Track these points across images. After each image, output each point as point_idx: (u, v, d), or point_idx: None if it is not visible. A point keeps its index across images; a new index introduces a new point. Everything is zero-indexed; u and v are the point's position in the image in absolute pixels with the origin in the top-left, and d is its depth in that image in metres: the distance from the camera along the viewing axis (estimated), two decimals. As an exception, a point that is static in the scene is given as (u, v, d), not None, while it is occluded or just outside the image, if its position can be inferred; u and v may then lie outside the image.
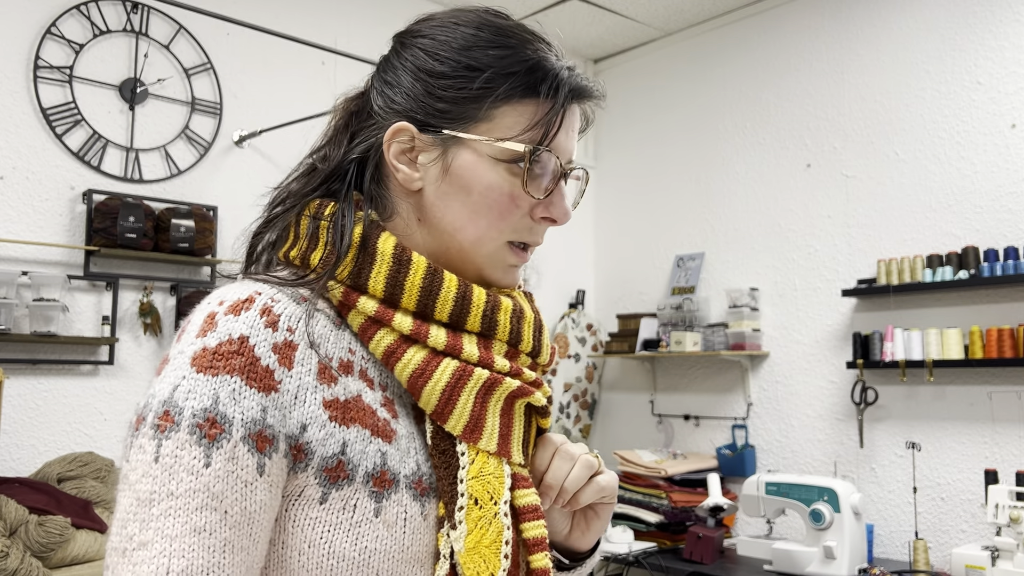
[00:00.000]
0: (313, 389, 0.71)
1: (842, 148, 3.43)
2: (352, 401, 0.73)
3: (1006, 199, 2.97)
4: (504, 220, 0.78)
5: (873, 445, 3.23)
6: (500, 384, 0.76)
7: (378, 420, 0.74)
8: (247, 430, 0.66)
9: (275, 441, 0.68)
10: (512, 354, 0.79)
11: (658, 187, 4.11)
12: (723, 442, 3.70)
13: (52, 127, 2.79)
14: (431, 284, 0.76)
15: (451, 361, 0.75)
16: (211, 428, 0.65)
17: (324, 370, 0.72)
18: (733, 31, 3.87)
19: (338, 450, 0.71)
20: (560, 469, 0.79)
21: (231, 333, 0.69)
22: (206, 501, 0.64)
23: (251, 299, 0.72)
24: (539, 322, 0.83)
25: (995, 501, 2.52)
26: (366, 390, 0.75)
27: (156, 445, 0.65)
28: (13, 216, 2.70)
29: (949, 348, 2.95)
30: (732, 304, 3.62)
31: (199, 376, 0.67)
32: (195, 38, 3.12)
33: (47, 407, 2.71)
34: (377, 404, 0.75)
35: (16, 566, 2.08)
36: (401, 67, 0.81)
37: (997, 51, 3.03)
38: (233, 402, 0.66)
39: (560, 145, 0.79)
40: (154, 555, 0.62)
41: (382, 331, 0.75)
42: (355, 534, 0.70)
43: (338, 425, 0.71)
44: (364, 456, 0.72)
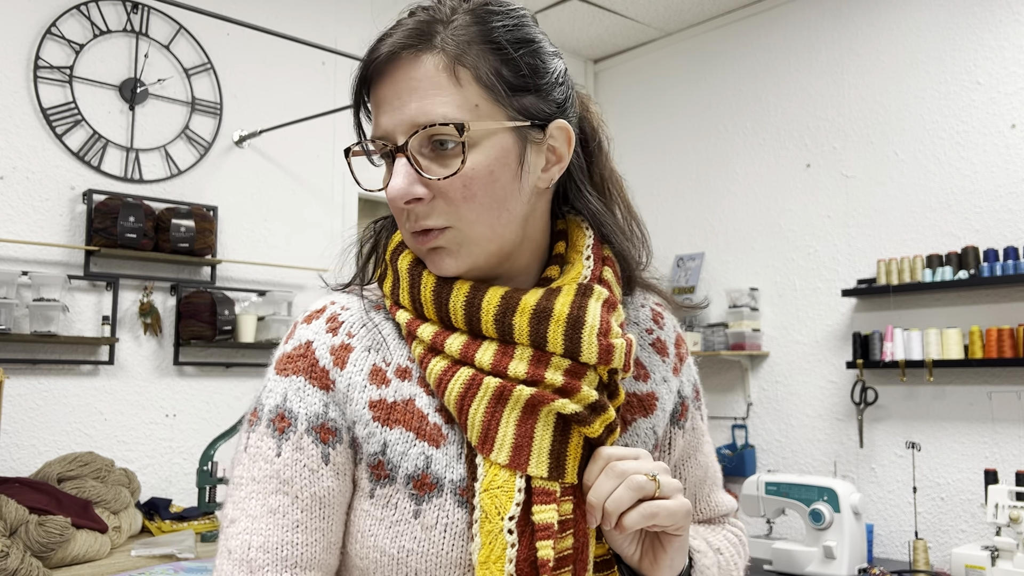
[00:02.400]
0: (361, 388, 0.76)
1: (842, 148, 3.43)
2: (401, 403, 0.76)
3: (1006, 199, 2.97)
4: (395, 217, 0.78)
5: (873, 445, 3.23)
6: (512, 392, 0.72)
7: (427, 424, 0.75)
8: (310, 423, 0.75)
9: (338, 432, 0.75)
10: (540, 358, 0.73)
11: (658, 187, 4.11)
12: (723, 442, 3.70)
13: (52, 127, 2.79)
14: (440, 294, 0.76)
15: (465, 370, 0.74)
16: (281, 422, 0.75)
17: (377, 372, 0.77)
18: (733, 31, 3.87)
19: (379, 449, 0.75)
20: (602, 487, 0.71)
21: (301, 339, 0.79)
22: (279, 486, 0.73)
23: (324, 308, 0.81)
24: (575, 318, 0.73)
25: (995, 501, 2.52)
26: (421, 395, 0.76)
27: (246, 437, 0.76)
28: (13, 216, 2.70)
29: (949, 348, 2.95)
30: (732, 304, 3.62)
31: (277, 378, 0.77)
32: (195, 38, 3.12)
33: (47, 407, 2.71)
34: (431, 409, 0.76)
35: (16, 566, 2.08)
36: None
37: (997, 51, 3.03)
38: (298, 399, 0.75)
39: (382, 126, 0.75)
40: (239, 531, 0.72)
41: (415, 342, 0.77)
42: (394, 532, 0.73)
43: (380, 425, 0.75)
44: (405, 458, 0.74)
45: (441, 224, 0.75)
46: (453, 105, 0.73)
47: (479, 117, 0.73)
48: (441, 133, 0.72)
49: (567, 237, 0.84)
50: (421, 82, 0.73)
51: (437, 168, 0.73)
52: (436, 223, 0.74)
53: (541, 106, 0.77)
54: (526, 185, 0.77)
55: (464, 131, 0.72)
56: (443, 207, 0.74)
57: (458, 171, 0.73)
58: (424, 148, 0.74)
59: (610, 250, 0.85)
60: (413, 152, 0.73)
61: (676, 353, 0.92)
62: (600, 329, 0.73)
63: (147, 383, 2.92)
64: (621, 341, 0.75)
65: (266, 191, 3.22)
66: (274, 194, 3.25)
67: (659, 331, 0.91)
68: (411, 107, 0.73)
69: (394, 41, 0.74)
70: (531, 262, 0.82)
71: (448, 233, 0.75)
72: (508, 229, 0.77)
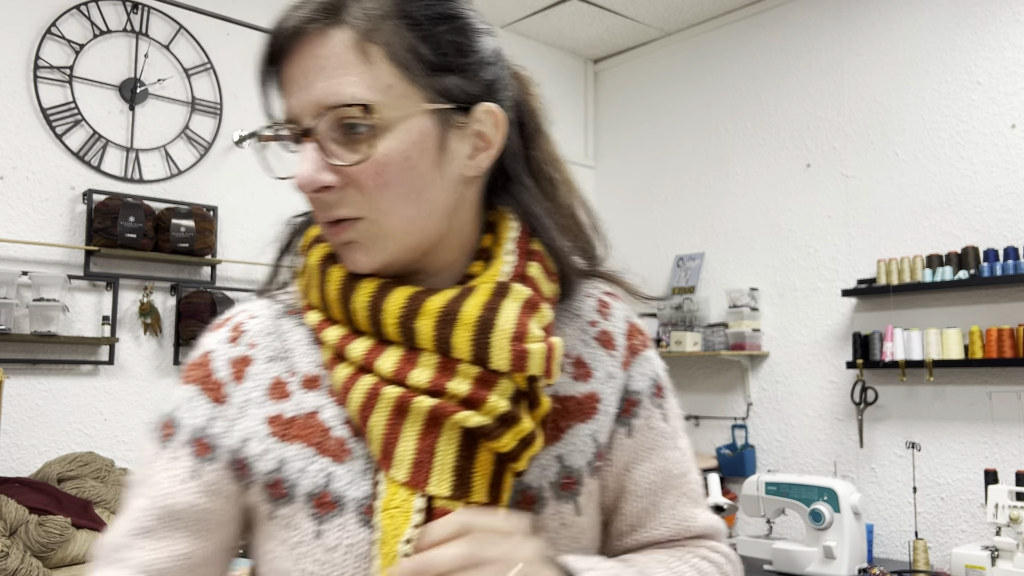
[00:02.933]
0: (259, 404, 0.72)
1: (842, 148, 3.43)
2: (302, 418, 0.71)
3: (1006, 199, 2.97)
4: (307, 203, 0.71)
5: (873, 445, 3.23)
6: (411, 403, 0.65)
7: (329, 439, 0.70)
8: (191, 435, 0.72)
9: (214, 450, 0.72)
10: (446, 365, 0.66)
11: (658, 187, 4.11)
12: (723, 442, 3.71)
13: (52, 127, 2.79)
14: (345, 293, 0.70)
15: (368, 378, 0.67)
16: (166, 429, 0.73)
17: (278, 385, 0.73)
18: (733, 31, 3.87)
19: (275, 467, 0.70)
20: (437, 559, 0.60)
21: (204, 348, 0.76)
22: (144, 490, 0.72)
23: (231, 317, 0.78)
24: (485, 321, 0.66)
25: (995, 501, 2.52)
26: (329, 406, 0.71)
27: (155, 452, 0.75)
28: (13, 216, 2.70)
29: (949, 348, 2.95)
30: (732, 304, 3.62)
31: (179, 385, 0.76)
32: (195, 38, 3.12)
33: (47, 407, 2.71)
34: (338, 422, 0.70)
35: (16, 566, 2.08)
36: None
37: (997, 51, 3.03)
38: (186, 409, 0.73)
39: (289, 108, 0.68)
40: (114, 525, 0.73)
41: (323, 347, 0.72)
42: (296, 554, 0.69)
43: (278, 441, 0.71)
44: (304, 475, 0.69)
45: (353, 214, 0.68)
46: (363, 85, 0.66)
47: (392, 98, 0.66)
48: (349, 116, 0.65)
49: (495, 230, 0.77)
50: (328, 60, 0.66)
51: (347, 153, 0.66)
52: (348, 213, 0.68)
53: (465, 87, 0.69)
54: (449, 173, 0.69)
55: (372, 113, 0.65)
56: (355, 196, 0.67)
57: (368, 157, 0.66)
58: (334, 132, 0.66)
59: (540, 243, 0.77)
60: (321, 136, 0.66)
61: (627, 345, 0.82)
62: (514, 333, 0.66)
63: (147, 383, 2.92)
64: (540, 346, 0.67)
65: (266, 191, 3.22)
66: (274, 194, 3.25)
67: (605, 323, 0.82)
68: (317, 87, 0.66)
69: (300, 16, 0.67)
70: (458, 257, 0.74)
71: (360, 225, 0.68)
72: (428, 221, 0.70)
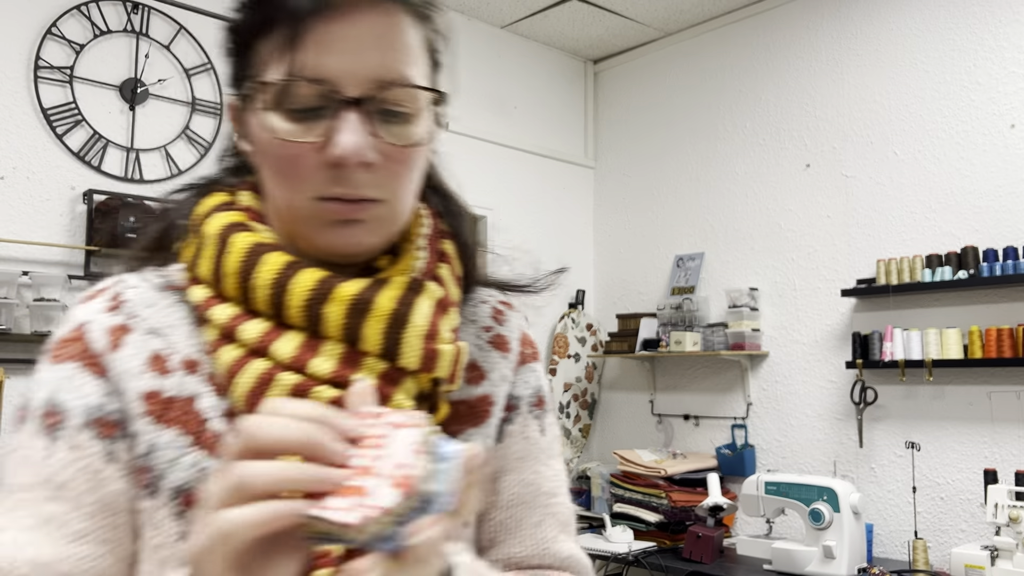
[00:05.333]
0: (136, 375, 0.65)
1: (841, 148, 3.44)
2: (180, 401, 0.64)
3: (1005, 199, 2.97)
4: (293, 176, 0.63)
5: (872, 445, 3.24)
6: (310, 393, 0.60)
7: (206, 431, 0.63)
8: (87, 417, 0.63)
9: (122, 425, 0.64)
10: (351, 357, 0.62)
11: (658, 187, 4.12)
12: (723, 442, 3.71)
13: (53, 127, 2.79)
14: (247, 267, 0.63)
15: (260, 362, 0.62)
16: (51, 417, 0.63)
17: (157, 359, 0.65)
18: (733, 31, 3.87)
19: (144, 451, 0.63)
20: None
21: (76, 321, 0.67)
22: (53, 492, 0.61)
23: (106, 288, 0.70)
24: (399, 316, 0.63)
25: (994, 501, 2.53)
26: (207, 395, 0.65)
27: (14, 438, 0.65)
28: (14, 216, 2.70)
29: (948, 348, 2.95)
30: (732, 304, 3.63)
31: (47, 366, 0.66)
32: (195, 38, 3.13)
33: (48, 407, 2.71)
34: (215, 413, 0.64)
35: (17, 565, 2.08)
36: None
37: (996, 51, 3.04)
38: (70, 389, 0.64)
39: (325, 67, 0.61)
40: (7, 542, 0.60)
41: (208, 325, 0.65)
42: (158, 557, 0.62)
43: (153, 422, 0.64)
44: (174, 467, 0.63)
45: (378, 196, 0.64)
46: (416, 69, 0.64)
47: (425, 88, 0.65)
48: (400, 97, 0.63)
49: None
50: (389, 34, 0.63)
51: (395, 133, 0.63)
52: (375, 194, 0.63)
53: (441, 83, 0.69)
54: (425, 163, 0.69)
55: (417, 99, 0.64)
56: (382, 177, 0.63)
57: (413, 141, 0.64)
58: (373, 107, 0.62)
59: (450, 245, 0.74)
60: (371, 110, 0.62)
61: (519, 351, 0.80)
62: (426, 331, 0.63)
63: (147, 383, 2.92)
64: (450, 347, 0.65)
65: (266, 191, 3.23)
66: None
67: (499, 328, 0.80)
68: (374, 57, 0.61)
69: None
70: None
71: (379, 207, 0.64)
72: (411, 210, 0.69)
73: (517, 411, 0.78)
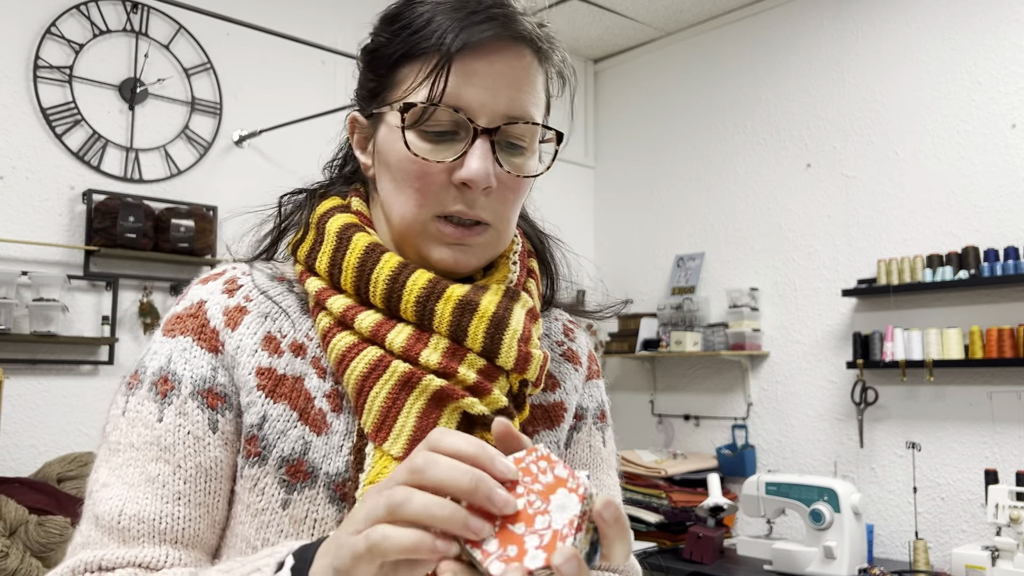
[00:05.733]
0: (251, 352, 0.70)
1: (842, 148, 3.43)
2: (289, 379, 0.70)
3: (1006, 199, 2.97)
4: (420, 191, 0.70)
5: (873, 445, 3.23)
6: (420, 380, 0.67)
7: (312, 407, 0.69)
8: (196, 387, 0.69)
9: (227, 399, 0.70)
10: (455, 351, 0.68)
11: (658, 187, 4.11)
12: (723, 442, 3.70)
13: (52, 127, 2.79)
14: (365, 263, 0.70)
15: (374, 349, 0.68)
16: (163, 384, 0.70)
17: (271, 340, 0.71)
18: (733, 31, 3.87)
19: (256, 422, 0.69)
20: None
21: (194, 299, 0.74)
22: (159, 453, 0.67)
23: (224, 272, 0.76)
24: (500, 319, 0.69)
25: (995, 501, 2.52)
26: (312, 376, 0.71)
27: (124, 401, 0.71)
28: (13, 216, 2.70)
29: (949, 348, 2.94)
30: (732, 304, 3.62)
31: (163, 339, 0.72)
32: (195, 38, 3.12)
33: (47, 407, 2.71)
34: (320, 393, 0.70)
35: (16, 566, 2.08)
36: None
37: (997, 51, 3.03)
38: (183, 361, 0.70)
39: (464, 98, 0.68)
40: (111, 496, 0.67)
41: (323, 313, 0.71)
42: (260, 521, 0.67)
43: (264, 396, 0.69)
44: (283, 438, 0.68)
45: (489, 220, 0.71)
46: (537, 107, 0.73)
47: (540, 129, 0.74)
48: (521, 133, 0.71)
49: None
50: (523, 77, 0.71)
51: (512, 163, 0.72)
52: (487, 218, 0.71)
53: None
54: None
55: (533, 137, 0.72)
56: (495, 203, 0.71)
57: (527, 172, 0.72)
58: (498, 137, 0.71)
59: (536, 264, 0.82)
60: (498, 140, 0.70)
61: (588, 366, 0.88)
62: (522, 335, 0.70)
63: (147, 383, 2.91)
64: (539, 352, 0.72)
65: (266, 190, 3.22)
66: (274, 194, 3.25)
67: (570, 343, 0.88)
68: (506, 93, 0.70)
69: (519, 30, 0.70)
70: None
71: (488, 231, 0.72)
72: None
73: (584, 421, 0.85)
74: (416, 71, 0.69)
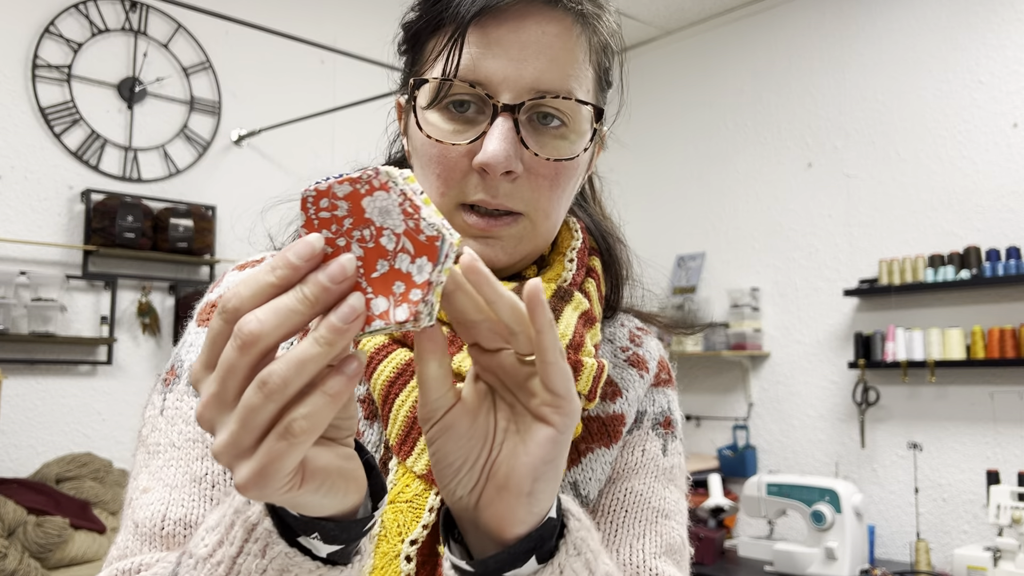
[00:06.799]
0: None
1: (843, 147, 3.42)
2: None
3: (1008, 198, 2.96)
4: (441, 177, 0.62)
5: (874, 445, 3.22)
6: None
7: None
8: None
9: None
10: None
11: (659, 186, 4.10)
12: (724, 442, 3.69)
13: (50, 126, 2.78)
14: None
15: (403, 352, 0.62)
16: None
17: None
18: (734, 30, 3.86)
19: None
20: None
21: (228, 284, 0.69)
22: (204, 451, 0.62)
23: (262, 258, 0.71)
24: None
25: (997, 502, 2.51)
26: None
27: (162, 399, 0.65)
28: (11, 216, 2.69)
29: (951, 348, 2.94)
30: (733, 304, 3.61)
31: (199, 329, 0.67)
32: (194, 37, 3.11)
33: (45, 407, 2.70)
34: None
35: (15, 567, 2.07)
36: None
37: (999, 50, 3.02)
38: None
39: (483, 70, 0.60)
40: (153, 500, 0.60)
41: None
42: None
43: None
44: None
45: (519, 208, 0.62)
46: (579, 84, 0.63)
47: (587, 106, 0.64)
48: (555, 108, 0.62)
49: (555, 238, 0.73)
50: (556, 44, 0.61)
51: (543, 145, 0.62)
52: (516, 206, 0.62)
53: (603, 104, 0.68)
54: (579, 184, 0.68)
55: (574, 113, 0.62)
56: (524, 190, 0.62)
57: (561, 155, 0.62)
58: (525, 116, 0.61)
59: (598, 263, 0.75)
60: (521, 119, 0.61)
61: (656, 373, 0.80)
62: (571, 341, 0.62)
63: (145, 383, 2.91)
64: (592, 361, 0.63)
65: (265, 190, 3.21)
66: (273, 193, 3.24)
67: (636, 348, 0.80)
68: (535, 66, 0.61)
69: None
70: None
71: (519, 222, 0.63)
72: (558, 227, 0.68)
73: (640, 424, 0.76)
74: (436, 44, 0.62)
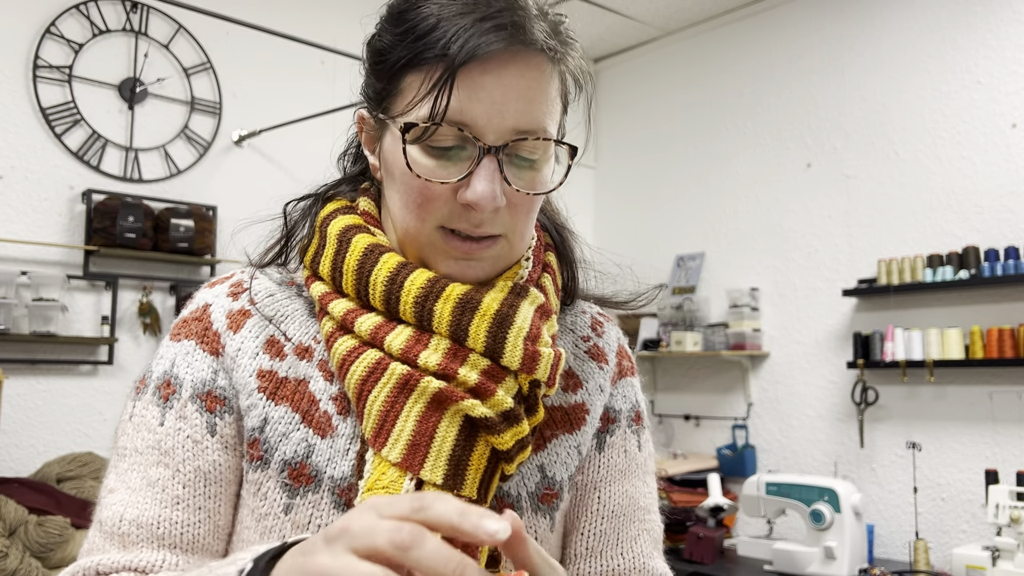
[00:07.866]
0: (252, 355, 0.70)
1: (843, 148, 3.43)
2: (293, 381, 0.69)
3: (1007, 199, 2.97)
4: (423, 207, 0.66)
5: (874, 445, 3.23)
6: (419, 382, 0.64)
7: (317, 410, 0.68)
8: (195, 390, 0.69)
9: (227, 402, 0.69)
10: (457, 352, 0.65)
11: (658, 187, 4.11)
12: (723, 442, 3.70)
13: (51, 127, 2.78)
14: (364, 265, 0.68)
15: (372, 352, 0.66)
16: (166, 388, 0.70)
17: (273, 343, 0.71)
18: (733, 31, 3.87)
19: (257, 425, 0.68)
20: None
21: (200, 302, 0.74)
22: (159, 457, 0.68)
23: (232, 275, 0.77)
24: (503, 317, 0.66)
25: (996, 501, 2.52)
26: (318, 378, 0.70)
27: (132, 406, 0.71)
28: (12, 216, 2.69)
29: (950, 348, 2.94)
30: (732, 304, 3.62)
31: (169, 343, 0.73)
32: (195, 38, 3.12)
33: (46, 407, 2.71)
34: (325, 396, 0.69)
35: (15, 566, 2.08)
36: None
37: (998, 51, 3.03)
38: (186, 364, 0.70)
39: (469, 114, 0.63)
40: (115, 502, 0.67)
41: (326, 318, 0.70)
42: (263, 527, 0.67)
43: (265, 398, 0.68)
44: (285, 440, 0.67)
45: (499, 232, 0.68)
46: (553, 123, 0.68)
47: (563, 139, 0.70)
48: (532, 147, 0.66)
49: None
50: (536, 88, 0.65)
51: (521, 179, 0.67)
52: (497, 231, 0.68)
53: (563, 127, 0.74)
54: None
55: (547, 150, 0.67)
56: (504, 217, 0.67)
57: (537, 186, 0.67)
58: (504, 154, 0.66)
59: (554, 258, 0.79)
60: (505, 158, 0.66)
61: (617, 363, 0.83)
62: (528, 334, 0.66)
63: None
64: (549, 351, 0.68)
65: (265, 190, 3.22)
66: (274, 194, 3.24)
67: (597, 339, 0.83)
68: (515, 107, 0.64)
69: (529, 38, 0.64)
70: None
71: (499, 244, 0.68)
72: None
73: (617, 424, 0.80)
74: (419, 82, 0.65)
